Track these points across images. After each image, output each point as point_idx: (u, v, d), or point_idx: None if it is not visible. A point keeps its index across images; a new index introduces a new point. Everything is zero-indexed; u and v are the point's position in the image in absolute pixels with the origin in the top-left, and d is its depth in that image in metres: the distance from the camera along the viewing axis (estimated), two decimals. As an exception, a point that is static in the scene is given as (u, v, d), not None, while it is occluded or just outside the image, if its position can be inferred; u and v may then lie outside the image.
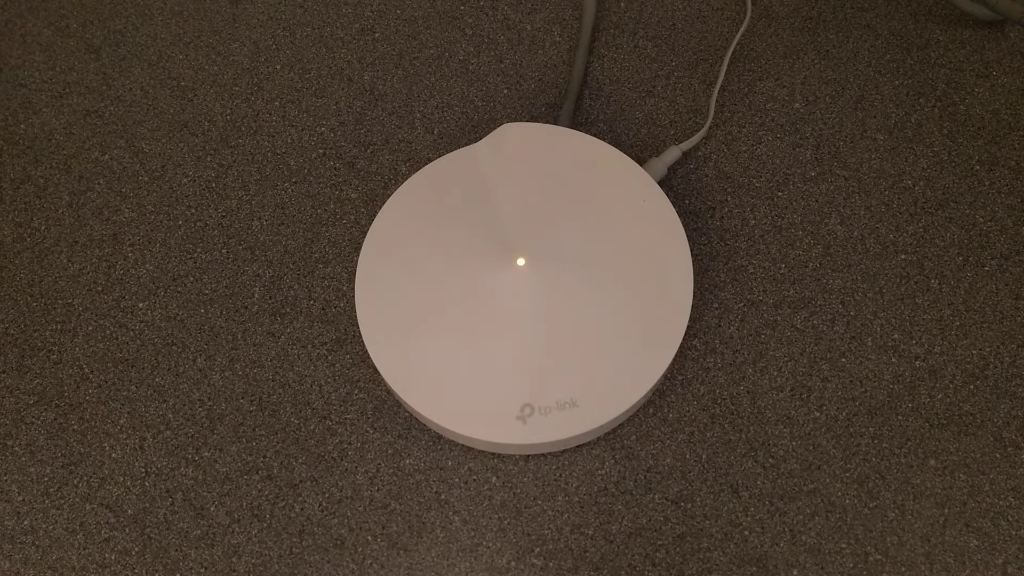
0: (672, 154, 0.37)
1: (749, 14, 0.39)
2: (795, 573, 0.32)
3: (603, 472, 0.33)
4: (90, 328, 0.36)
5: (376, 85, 0.40)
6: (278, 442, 0.34)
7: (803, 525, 0.32)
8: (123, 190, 0.38)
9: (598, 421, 0.32)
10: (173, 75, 0.41)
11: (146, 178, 0.39)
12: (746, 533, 0.32)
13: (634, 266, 0.34)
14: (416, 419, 0.34)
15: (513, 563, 0.32)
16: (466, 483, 0.33)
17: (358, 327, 0.36)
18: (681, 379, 0.35)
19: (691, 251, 0.36)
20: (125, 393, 0.35)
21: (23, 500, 0.33)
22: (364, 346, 0.35)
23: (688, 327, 0.35)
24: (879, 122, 0.39)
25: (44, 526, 0.33)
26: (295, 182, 0.38)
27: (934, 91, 0.39)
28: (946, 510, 0.32)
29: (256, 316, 0.36)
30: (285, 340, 0.36)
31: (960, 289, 0.36)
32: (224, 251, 0.37)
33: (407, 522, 0.33)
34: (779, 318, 0.35)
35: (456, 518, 0.33)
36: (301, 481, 0.33)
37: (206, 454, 0.34)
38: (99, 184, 0.38)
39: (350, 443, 0.34)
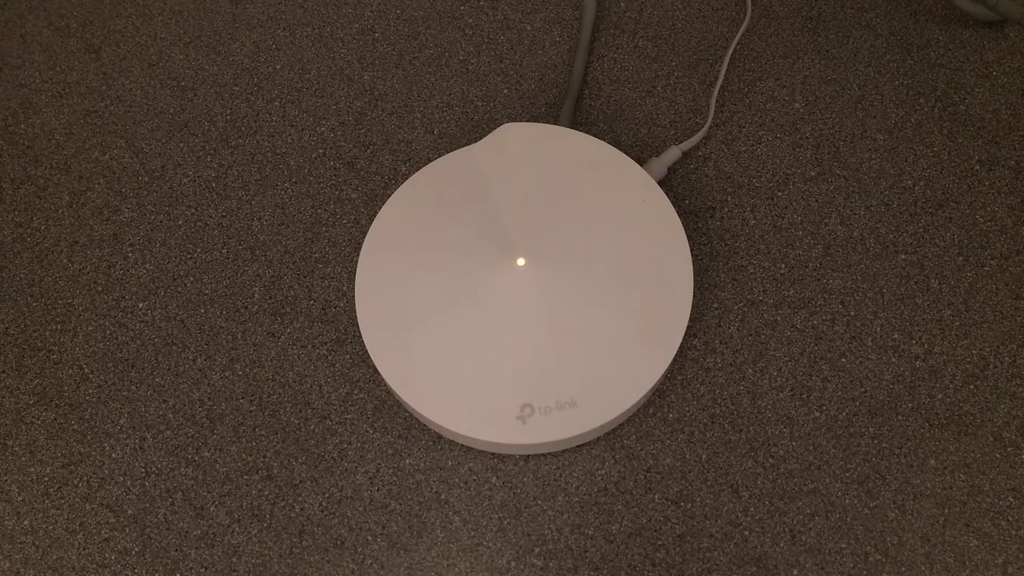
0: (672, 154, 0.37)
1: (749, 14, 0.39)
2: (795, 573, 0.32)
3: (603, 472, 0.33)
4: (90, 328, 0.36)
5: (376, 85, 0.40)
6: (278, 442, 0.34)
7: (803, 525, 0.32)
8: (123, 190, 0.38)
9: (598, 421, 0.32)
10: (173, 75, 0.41)
11: (146, 178, 0.39)
12: (746, 533, 0.32)
13: (634, 266, 0.34)
14: (416, 419, 0.34)
15: (513, 563, 0.32)
16: (466, 483, 0.33)
17: (358, 327, 0.36)
18: (681, 379, 0.35)
19: (691, 251, 0.36)
20: (125, 393, 0.35)
21: (23, 500, 0.33)
22: (364, 346, 0.35)
23: (688, 327, 0.35)
24: (879, 122, 0.39)
25: (44, 526, 0.33)
26: (295, 182, 0.38)
27: (934, 91, 0.39)
28: (946, 510, 0.32)
29: (256, 316, 0.36)
30: (285, 340, 0.36)
31: (960, 289, 0.36)
32: (224, 251, 0.37)
33: (407, 522, 0.33)
34: (779, 318, 0.35)
35: (456, 518, 0.33)
36: (301, 481, 0.33)
37: (206, 454, 0.34)
38: (99, 184, 0.38)
39: (350, 443, 0.34)
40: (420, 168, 0.37)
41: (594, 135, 0.39)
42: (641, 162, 0.38)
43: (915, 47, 0.40)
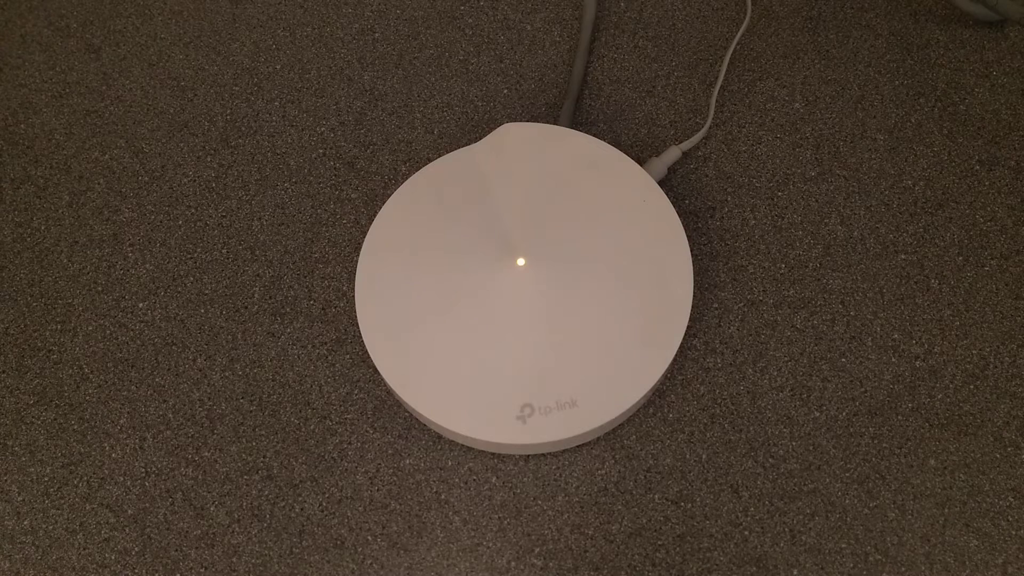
0: (672, 154, 0.37)
1: (749, 14, 0.39)
2: (795, 573, 0.32)
3: (603, 472, 0.33)
4: (90, 328, 0.36)
5: (376, 85, 0.40)
6: (278, 442, 0.34)
7: (803, 525, 0.32)
8: (123, 190, 0.38)
9: (598, 421, 0.32)
10: (173, 75, 0.41)
11: (146, 178, 0.39)
12: (746, 533, 0.32)
13: (634, 266, 0.34)
14: (416, 419, 0.34)
15: (513, 563, 0.32)
16: (466, 483, 0.33)
17: (358, 327, 0.36)
18: (681, 379, 0.35)
19: (691, 251, 0.36)
20: (125, 393, 0.35)
21: (23, 500, 0.33)
22: (364, 346, 0.35)
23: (688, 327, 0.35)
24: (879, 122, 0.39)
25: (44, 526, 0.33)
26: (295, 182, 0.38)
27: (934, 91, 0.39)
28: (946, 510, 0.32)
29: (256, 316, 0.36)
30: (285, 340, 0.36)
31: (960, 289, 0.36)
32: (224, 251, 0.37)
33: (407, 522, 0.33)
34: (779, 318, 0.35)
35: (456, 518, 0.33)
36: (301, 481, 0.33)
37: (206, 454, 0.34)
38: (99, 184, 0.38)
39: (350, 443, 0.34)
40: (420, 168, 0.37)
41: (594, 135, 0.39)
42: (641, 162, 0.38)
43: (915, 47, 0.40)
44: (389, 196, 0.38)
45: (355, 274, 0.36)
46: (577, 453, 0.34)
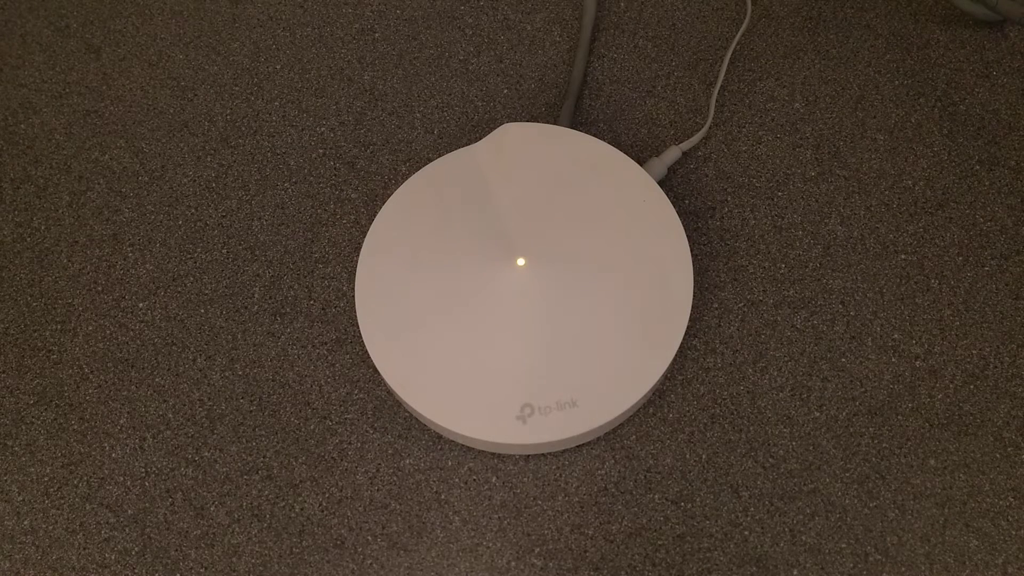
0: (672, 154, 0.37)
1: (749, 14, 0.39)
2: (795, 573, 0.32)
3: (603, 472, 0.33)
4: (90, 328, 0.36)
5: (376, 85, 0.40)
6: (278, 442, 0.34)
7: (803, 525, 0.32)
8: (123, 190, 0.38)
9: (598, 421, 0.32)
10: (173, 75, 0.41)
11: (146, 178, 0.39)
12: (746, 533, 0.32)
13: (634, 266, 0.34)
14: (416, 419, 0.34)
15: (513, 563, 0.32)
16: (466, 483, 0.33)
17: (358, 327, 0.36)
18: (681, 379, 0.35)
19: (691, 251, 0.36)
20: (125, 393, 0.35)
21: (23, 500, 0.33)
22: (364, 346, 0.35)
23: (688, 327, 0.35)
24: (879, 122, 0.39)
25: (44, 526, 0.33)
26: (295, 182, 0.38)
27: (934, 91, 0.39)
28: (946, 510, 0.32)
29: (256, 316, 0.36)
30: (285, 340, 0.36)
31: (960, 289, 0.36)
32: (224, 251, 0.37)
33: (407, 522, 0.33)
34: (779, 318, 0.35)
35: (456, 518, 0.33)
36: (301, 481, 0.33)
37: (206, 454, 0.34)
38: (99, 184, 0.38)
39: (350, 443, 0.34)
40: (420, 168, 0.37)
41: (594, 135, 0.39)
42: (641, 162, 0.38)
43: (915, 47, 0.40)
44: (389, 196, 0.38)
45: (355, 274, 0.36)
46: (577, 453, 0.34)
